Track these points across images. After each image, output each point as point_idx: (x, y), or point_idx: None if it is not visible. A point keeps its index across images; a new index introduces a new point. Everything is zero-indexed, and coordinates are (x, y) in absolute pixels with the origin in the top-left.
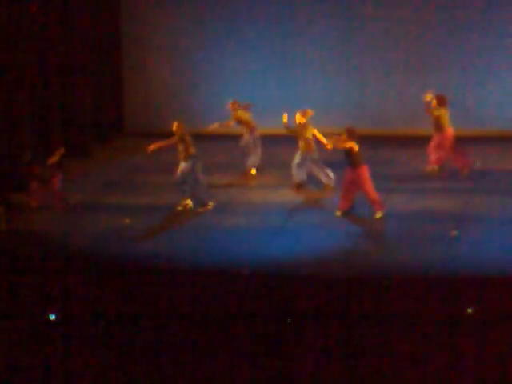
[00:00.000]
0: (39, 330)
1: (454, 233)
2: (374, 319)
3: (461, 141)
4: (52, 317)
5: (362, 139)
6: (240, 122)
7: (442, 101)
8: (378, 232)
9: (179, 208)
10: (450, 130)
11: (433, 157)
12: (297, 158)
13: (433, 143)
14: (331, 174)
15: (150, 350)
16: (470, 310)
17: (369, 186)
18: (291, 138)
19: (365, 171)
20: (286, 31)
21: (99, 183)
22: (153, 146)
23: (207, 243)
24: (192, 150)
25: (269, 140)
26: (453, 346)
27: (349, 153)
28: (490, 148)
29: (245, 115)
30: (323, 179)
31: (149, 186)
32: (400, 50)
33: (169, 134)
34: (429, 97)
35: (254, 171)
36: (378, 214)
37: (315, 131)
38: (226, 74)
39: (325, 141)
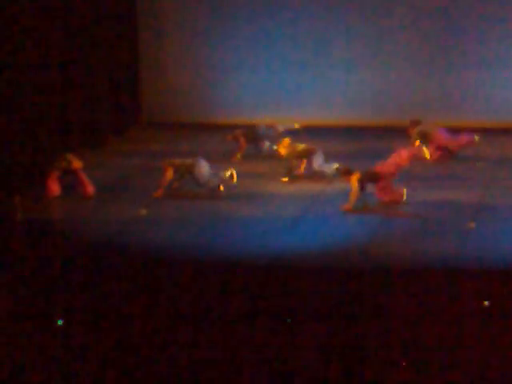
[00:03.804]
0: (54, 321)
1: (471, 225)
2: (388, 311)
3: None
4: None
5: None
6: None
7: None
8: (394, 223)
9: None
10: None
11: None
12: None
13: None
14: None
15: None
16: (486, 303)
17: None
18: (309, 130)
19: None
20: (299, 25)
21: (115, 174)
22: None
23: (222, 234)
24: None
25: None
26: (466, 340)
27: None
28: (507, 138)
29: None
30: (328, 171)
31: None
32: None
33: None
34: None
35: None
36: None
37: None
38: (244, 64)
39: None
